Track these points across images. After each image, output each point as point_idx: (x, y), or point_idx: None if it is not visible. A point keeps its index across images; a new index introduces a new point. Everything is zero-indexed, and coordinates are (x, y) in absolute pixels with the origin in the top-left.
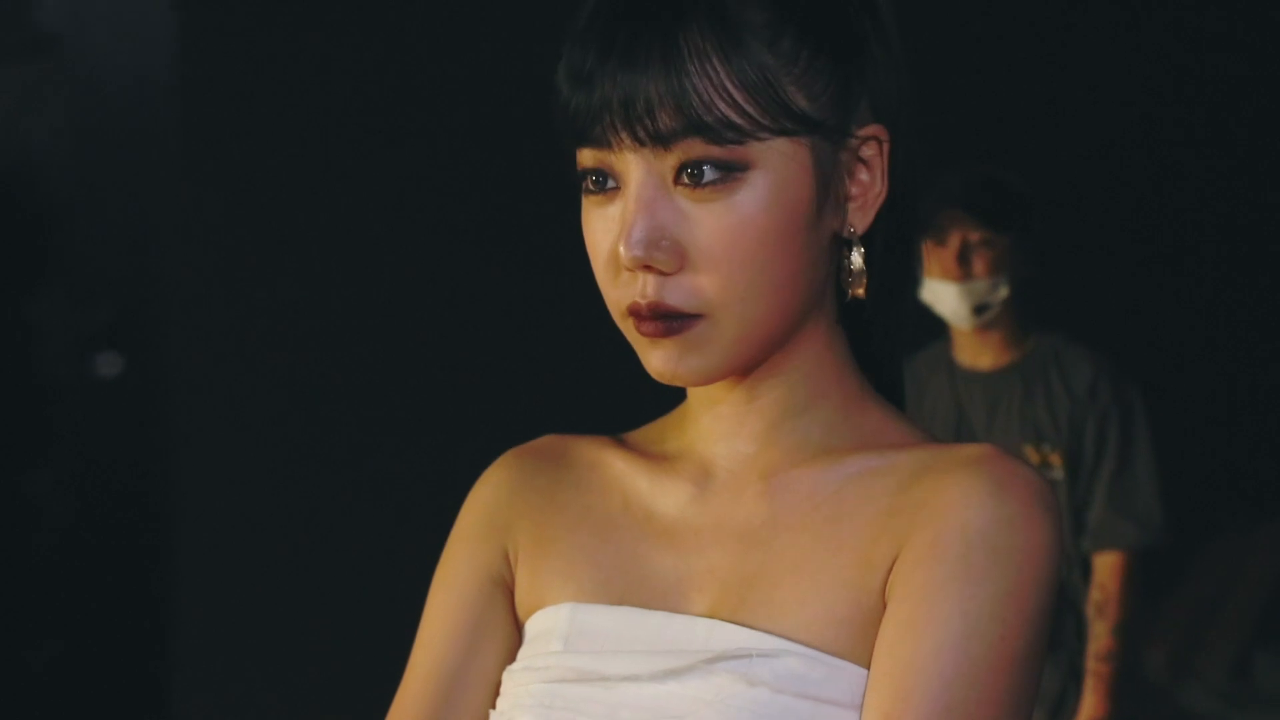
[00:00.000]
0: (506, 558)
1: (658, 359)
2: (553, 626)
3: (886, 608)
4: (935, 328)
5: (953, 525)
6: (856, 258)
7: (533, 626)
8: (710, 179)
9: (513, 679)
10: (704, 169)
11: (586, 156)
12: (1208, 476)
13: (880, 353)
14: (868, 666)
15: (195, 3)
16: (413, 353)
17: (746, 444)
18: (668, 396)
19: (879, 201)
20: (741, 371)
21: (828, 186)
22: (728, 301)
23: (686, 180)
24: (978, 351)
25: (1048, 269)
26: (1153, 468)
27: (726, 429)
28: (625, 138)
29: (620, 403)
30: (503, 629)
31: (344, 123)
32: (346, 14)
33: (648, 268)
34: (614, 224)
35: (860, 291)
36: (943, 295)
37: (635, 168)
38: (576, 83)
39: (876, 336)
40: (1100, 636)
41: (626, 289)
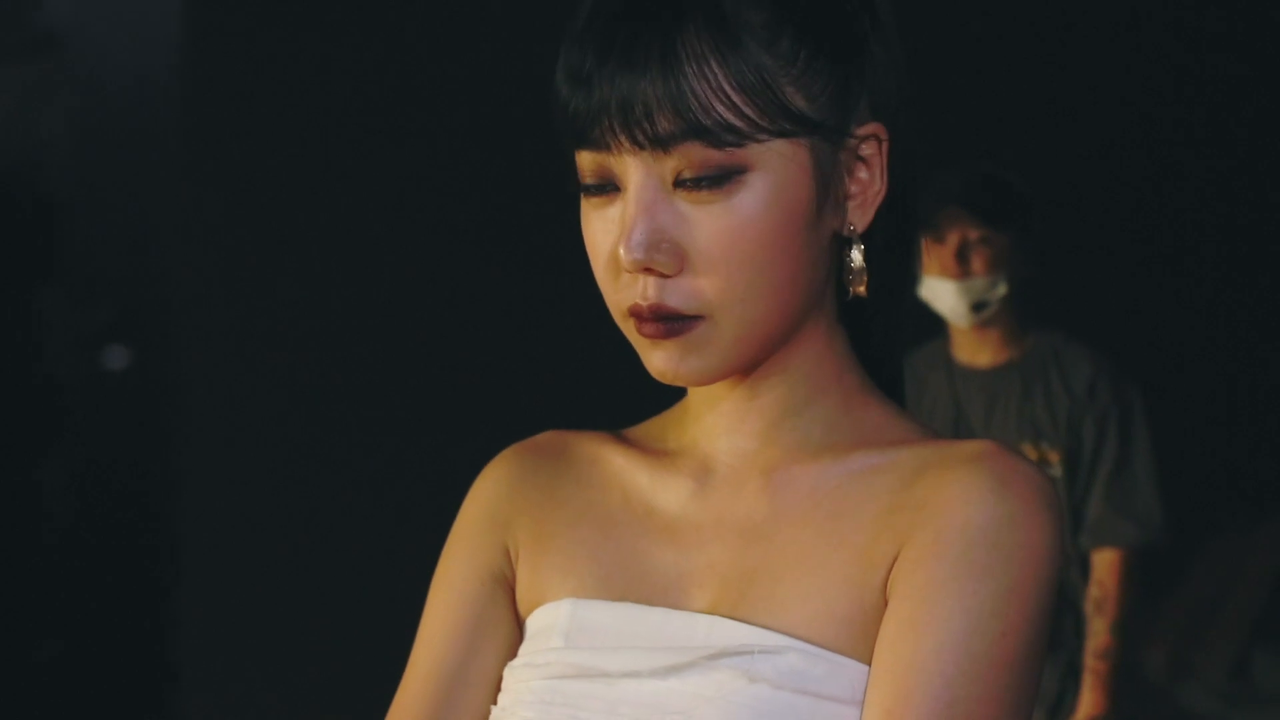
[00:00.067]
0: (507, 554)
1: (659, 360)
2: (553, 623)
3: (888, 605)
4: (934, 326)
5: (954, 523)
6: (857, 256)
7: (533, 623)
8: (710, 182)
9: (514, 675)
10: (703, 172)
11: (585, 158)
12: (1207, 476)
13: (880, 350)
14: (868, 663)
15: (197, 3)
16: (414, 351)
17: (747, 441)
18: (668, 396)
19: (879, 200)
20: (742, 371)
21: (827, 186)
22: (728, 303)
23: (686, 183)
24: (976, 349)
25: (1047, 268)
26: (1151, 466)
27: (727, 426)
28: (624, 141)
29: (620, 402)
30: (503, 625)
31: (345, 122)
32: (347, 14)
33: (648, 270)
34: (614, 226)
35: (861, 290)
36: (941, 293)
37: (634, 170)
38: (575, 84)
39: (877, 334)
40: (1099, 634)
41: (627, 291)
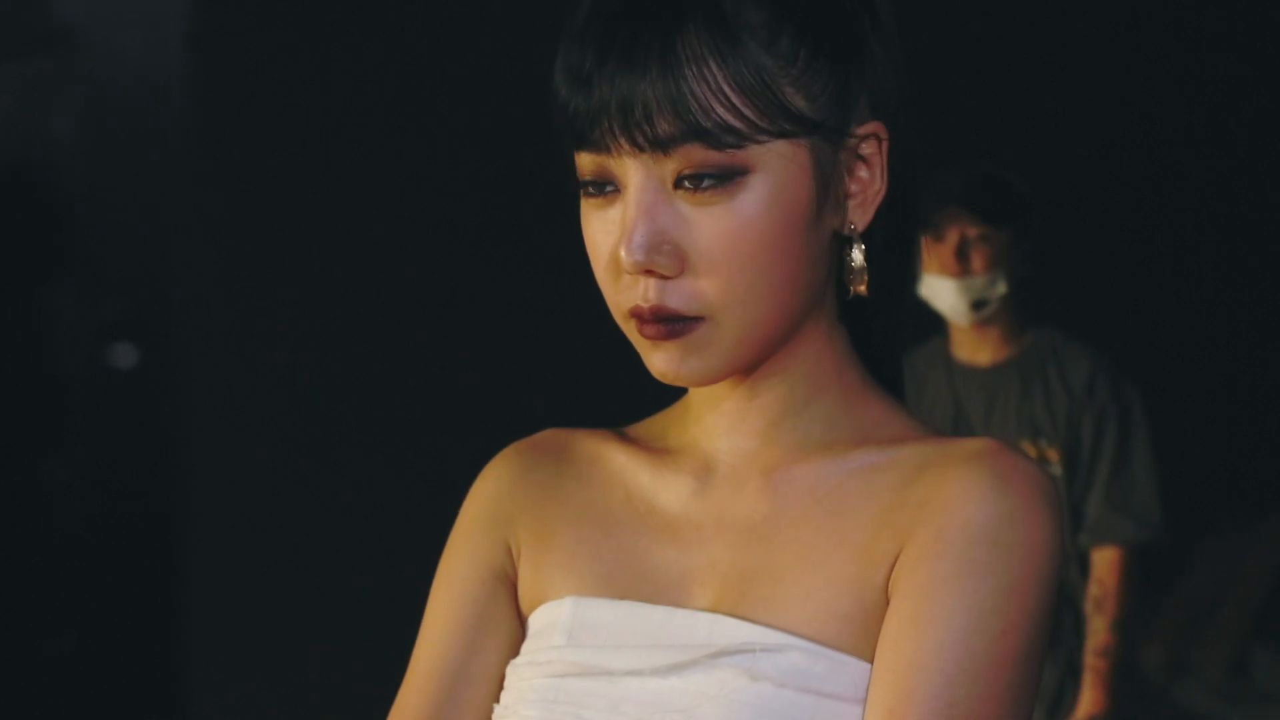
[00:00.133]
0: (509, 552)
1: (660, 360)
2: (555, 621)
3: (889, 603)
4: (934, 324)
5: (955, 521)
6: (857, 255)
7: (535, 621)
8: (710, 183)
9: (516, 674)
10: (703, 173)
11: (585, 160)
12: (1206, 475)
13: (881, 349)
14: (870, 661)
15: (204, 2)
16: (419, 350)
17: (748, 440)
18: (668, 396)
19: (879, 198)
20: (744, 370)
21: (827, 186)
22: (729, 304)
23: (686, 184)
24: (976, 347)
25: (1047, 267)
26: (1150, 464)
27: (728, 425)
28: (624, 143)
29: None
30: (505, 624)
31: (350, 122)
32: (353, 14)
33: (649, 272)
34: (614, 227)
35: (861, 289)
36: (940, 291)
37: (634, 172)
38: (574, 85)
39: (877, 333)
40: (1098, 632)
41: (628, 292)
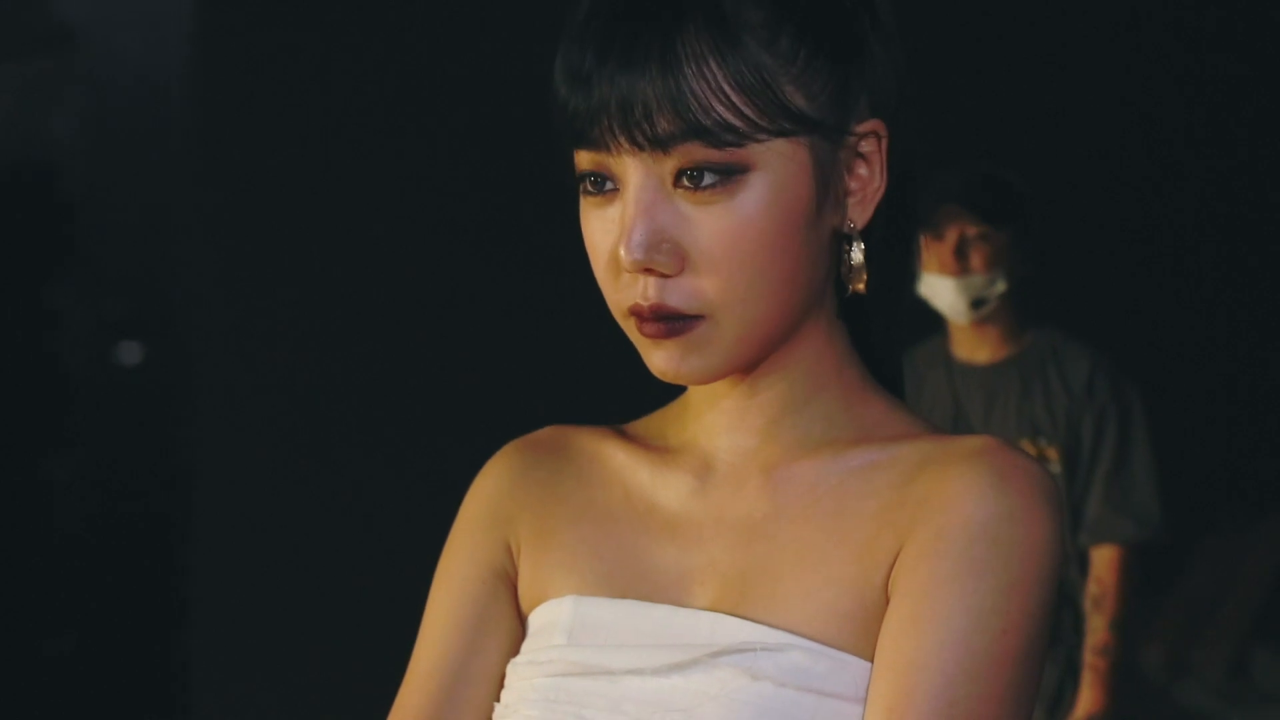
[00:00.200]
0: (509, 550)
1: (660, 359)
2: (556, 619)
3: (889, 602)
4: (934, 323)
5: (955, 520)
6: (857, 253)
7: (536, 619)
8: (710, 182)
9: (516, 672)
10: (703, 172)
11: (584, 158)
12: (1206, 474)
13: (880, 347)
14: (871, 660)
15: (207, 2)
16: (421, 348)
17: (748, 438)
18: (668, 397)
19: (878, 196)
20: (743, 369)
21: (827, 184)
22: (729, 302)
23: (686, 183)
24: (975, 346)
25: (1047, 267)
26: (1150, 463)
27: (728, 423)
28: (624, 141)
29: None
30: (506, 622)
31: (354, 121)
32: (357, 14)
33: (649, 270)
34: (613, 225)
35: (860, 286)
36: (940, 290)
37: (634, 170)
38: (574, 84)
39: (876, 331)
40: (1097, 631)
41: (628, 290)
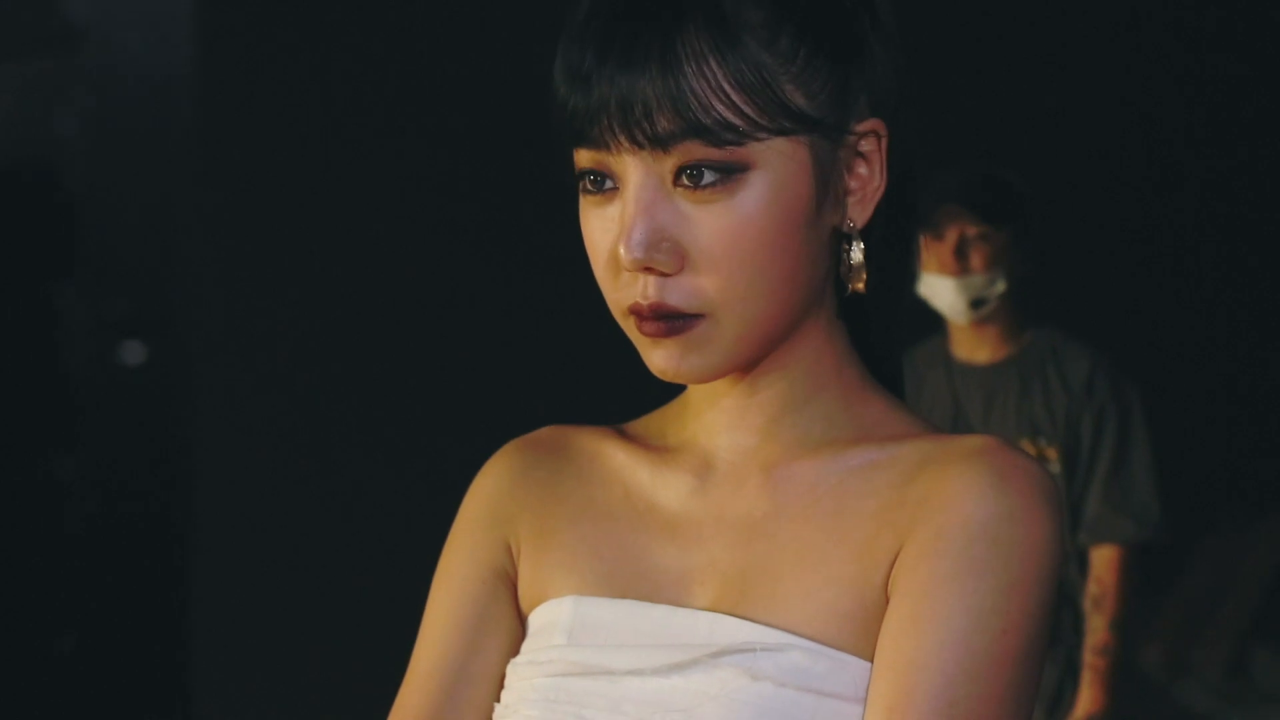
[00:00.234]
0: (509, 550)
1: (660, 358)
2: (556, 619)
3: (889, 601)
4: (934, 323)
5: (955, 519)
6: (856, 252)
7: (536, 619)
8: (710, 180)
9: (516, 673)
10: (703, 171)
11: (584, 157)
12: (1206, 474)
13: (880, 346)
14: (871, 660)
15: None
16: (423, 348)
17: (747, 437)
18: (668, 397)
19: (878, 195)
20: (743, 367)
21: (827, 183)
22: (729, 301)
23: (686, 182)
24: (975, 346)
25: (1047, 267)
26: (1149, 463)
27: (728, 422)
28: (623, 140)
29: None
30: (506, 622)
31: (360, 120)
32: (362, 13)
33: (648, 269)
34: (613, 224)
35: (860, 285)
36: (939, 290)
37: (634, 169)
38: (574, 83)
39: (876, 330)
40: (1097, 631)
41: (627, 289)
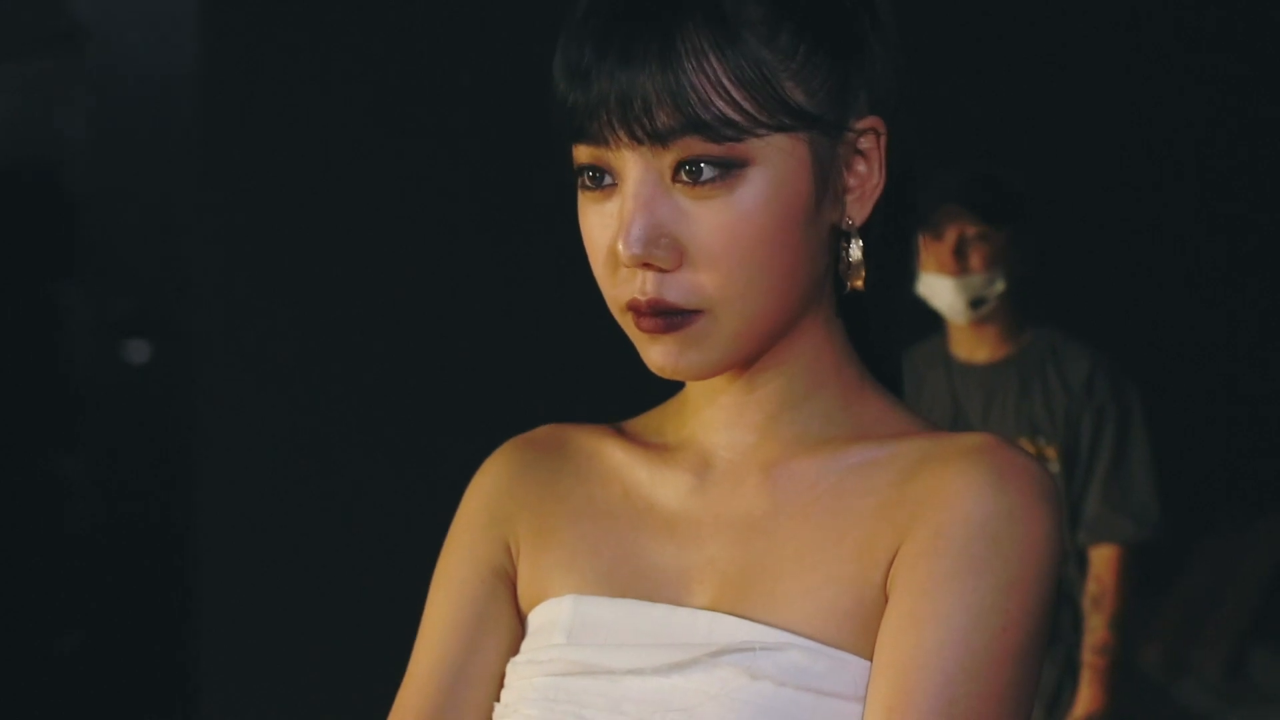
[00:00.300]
0: (508, 549)
1: (657, 354)
2: (555, 619)
3: (888, 600)
4: (934, 322)
5: (954, 517)
6: (855, 250)
7: (535, 619)
8: (709, 176)
9: (516, 672)
10: (702, 166)
11: (583, 153)
12: (1205, 473)
13: (879, 344)
14: (870, 659)
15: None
16: (427, 346)
17: (746, 435)
18: (667, 396)
19: (877, 193)
20: (741, 365)
21: (826, 180)
22: (728, 297)
23: (685, 178)
24: (974, 345)
25: (1046, 265)
26: (1149, 463)
27: (726, 419)
28: (623, 135)
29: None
30: (505, 621)
31: (364, 118)
32: (362, 12)
33: (647, 265)
34: (611, 220)
35: (858, 283)
36: (939, 289)
37: (633, 165)
38: (573, 79)
39: (875, 328)
40: (1096, 630)
41: (625, 285)
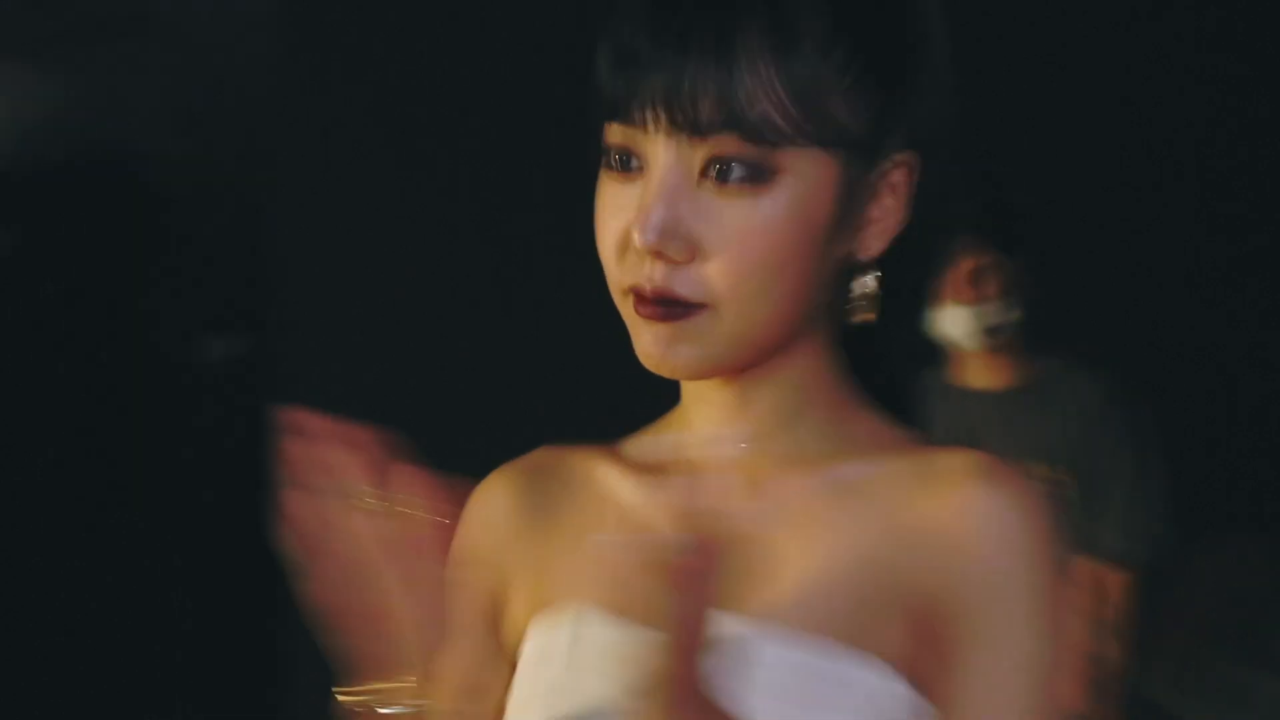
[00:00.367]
0: (504, 581)
1: (649, 340)
2: (554, 642)
3: (935, 660)
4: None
5: (990, 565)
6: (870, 281)
7: (534, 644)
8: (738, 176)
9: (518, 695)
10: (733, 166)
11: (615, 132)
12: (1218, 496)
13: (887, 376)
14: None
15: None
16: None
17: (737, 449)
18: (665, 397)
19: (898, 229)
20: (730, 372)
21: (850, 205)
22: (736, 298)
23: (714, 175)
24: (987, 373)
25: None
26: (1161, 487)
27: (717, 434)
28: (663, 120)
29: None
30: (505, 656)
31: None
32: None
33: (659, 255)
34: (630, 204)
35: (867, 316)
36: (954, 317)
37: (664, 153)
38: (622, 59)
39: (883, 360)
40: (1106, 650)
41: (632, 269)
